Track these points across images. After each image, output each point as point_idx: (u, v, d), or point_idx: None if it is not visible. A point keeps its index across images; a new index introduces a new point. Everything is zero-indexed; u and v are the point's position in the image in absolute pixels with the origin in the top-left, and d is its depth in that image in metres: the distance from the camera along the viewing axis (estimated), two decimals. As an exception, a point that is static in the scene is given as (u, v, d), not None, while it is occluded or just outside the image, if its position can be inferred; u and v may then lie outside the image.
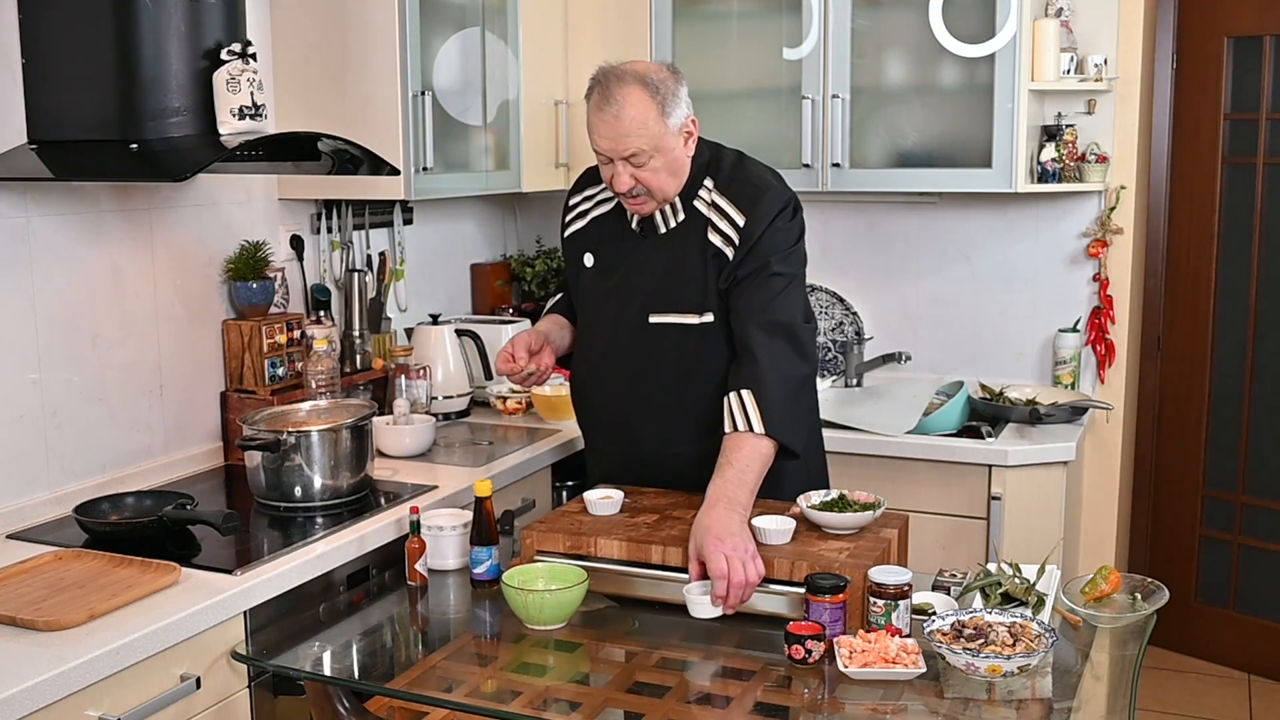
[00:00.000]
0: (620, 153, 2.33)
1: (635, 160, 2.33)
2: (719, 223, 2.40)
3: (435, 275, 3.77)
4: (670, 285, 2.45)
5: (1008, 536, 3.17)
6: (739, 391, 2.31)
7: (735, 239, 2.38)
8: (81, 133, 2.39)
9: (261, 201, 3.10)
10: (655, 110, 2.31)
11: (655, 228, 2.47)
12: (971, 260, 3.81)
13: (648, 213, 2.45)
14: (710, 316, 2.43)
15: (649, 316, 2.46)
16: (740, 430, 2.29)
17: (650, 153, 2.33)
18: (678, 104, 2.36)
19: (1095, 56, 3.50)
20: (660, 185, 2.38)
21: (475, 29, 3.31)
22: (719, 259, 2.40)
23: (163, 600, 2.07)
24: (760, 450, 2.28)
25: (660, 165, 2.35)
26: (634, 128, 2.30)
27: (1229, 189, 3.89)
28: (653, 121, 2.31)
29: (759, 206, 2.39)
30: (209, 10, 2.41)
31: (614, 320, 2.51)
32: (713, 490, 2.20)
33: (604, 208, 2.58)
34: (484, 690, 1.95)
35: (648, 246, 2.48)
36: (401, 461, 2.96)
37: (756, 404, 2.29)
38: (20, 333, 2.51)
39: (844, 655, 1.86)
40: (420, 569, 2.31)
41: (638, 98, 2.30)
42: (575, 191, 2.66)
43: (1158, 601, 2.07)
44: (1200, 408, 4.02)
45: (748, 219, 2.38)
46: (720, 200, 2.41)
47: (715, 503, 2.16)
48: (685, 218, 2.44)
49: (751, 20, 3.63)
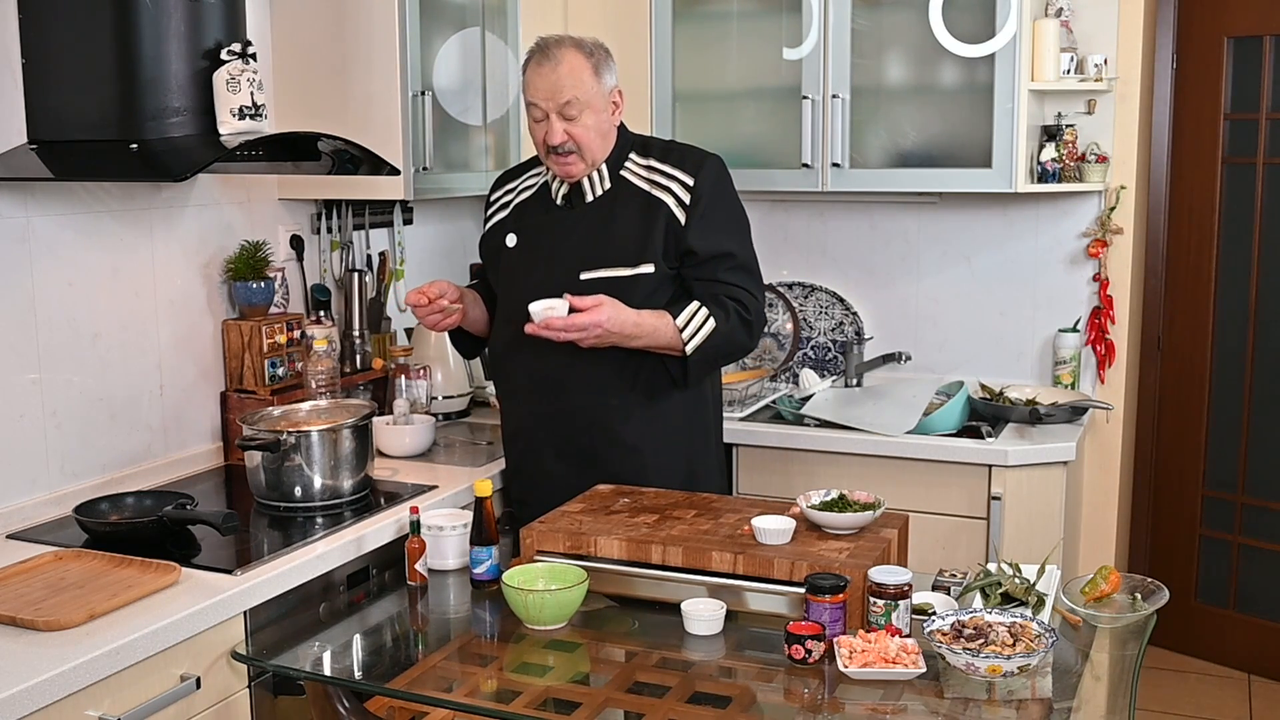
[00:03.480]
0: (556, 102, 2.54)
1: (568, 112, 2.54)
2: (669, 185, 2.60)
3: (435, 275, 3.76)
4: (602, 243, 2.61)
5: (1008, 536, 3.17)
6: (705, 311, 2.55)
7: (686, 198, 2.58)
8: (81, 133, 2.39)
9: (261, 201, 3.10)
10: (590, 68, 2.56)
11: (582, 196, 2.65)
12: (971, 260, 3.81)
13: (576, 175, 2.62)
14: (649, 268, 2.58)
15: (580, 274, 2.59)
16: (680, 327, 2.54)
17: (583, 106, 2.55)
18: (609, 70, 2.61)
19: (1095, 56, 3.50)
20: (589, 143, 2.58)
21: (475, 29, 3.31)
22: (670, 219, 2.58)
23: (163, 600, 2.07)
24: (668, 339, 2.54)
25: (591, 123, 2.57)
26: (570, 79, 2.54)
27: (1229, 189, 3.89)
28: (587, 77, 2.55)
29: (704, 168, 2.61)
30: (209, 10, 2.41)
31: (541, 282, 2.61)
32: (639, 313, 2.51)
33: (526, 194, 2.75)
34: (484, 690, 1.95)
35: (575, 215, 2.65)
36: (401, 461, 2.96)
37: (705, 335, 2.55)
38: (20, 333, 2.51)
39: (844, 655, 1.86)
40: (420, 569, 2.31)
41: (574, 55, 2.56)
42: (495, 189, 2.84)
43: (1158, 601, 2.08)
44: (1200, 408, 4.02)
45: (695, 179, 2.59)
46: (662, 165, 2.63)
47: (635, 313, 2.49)
48: (612, 186, 2.63)
49: (751, 20, 3.63)
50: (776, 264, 4.02)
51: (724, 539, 2.18)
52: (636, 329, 2.51)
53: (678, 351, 2.56)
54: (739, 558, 2.10)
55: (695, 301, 2.57)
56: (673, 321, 2.54)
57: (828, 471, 3.31)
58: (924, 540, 3.13)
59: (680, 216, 2.58)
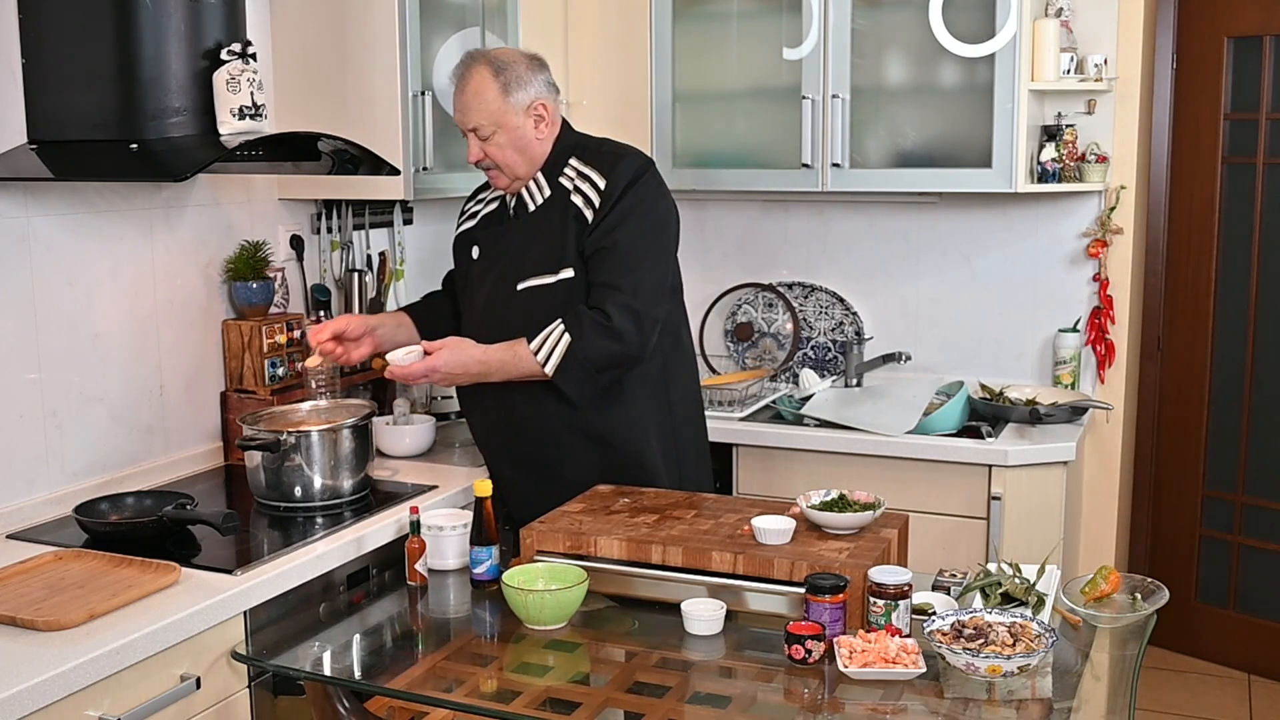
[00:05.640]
0: (465, 125, 2.58)
1: (479, 134, 2.57)
2: (582, 186, 2.57)
3: (435, 275, 3.74)
4: (533, 252, 2.60)
5: (1008, 536, 3.17)
6: (561, 328, 2.49)
7: (596, 200, 2.55)
8: (81, 133, 2.39)
9: (261, 201, 3.10)
10: (496, 89, 2.54)
11: (525, 206, 2.64)
12: (971, 260, 3.81)
13: (503, 187, 2.65)
14: (569, 273, 2.56)
15: (517, 284, 2.59)
16: (535, 352, 2.49)
17: (492, 127, 2.55)
18: (523, 86, 2.57)
19: (1095, 56, 3.50)
20: (506, 160, 2.58)
21: (475, 29, 3.31)
22: (580, 220, 2.55)
23: (163, 600, 2.07)
24: (526, 368, 2.51)
25: (505, 141, 2.56)
26: (474, 102, 2.55)
27: (1229, 189, 3.89)
28: (492, 99, 2.54)
29: (617, 168, 2.57)
30: (209, 10, 2.41)
31: (487, 295, 2.65)
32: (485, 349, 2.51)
33: (492, 205, 2.76)
34: (484, 690, 1.95)
35: (519, 225, 2.65)
36: (401, 461, 2.96)
37: (562, 354, 2.48)
38: (20, 333, 2.51)
39: (844, 655, 1.86)
40: (420, 569, 2.31)
41: (481, 76, 2.55)
42: (470, 199, 2.85)
43: (1158, 601, 2.08)
44: (1200, 408, 4.02)
45: (608, 180, 2.55)
46: (584, 169, 2.59)
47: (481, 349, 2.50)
48: (551, 194, 2.61)
49: (751, 20, 3.63)
50: (776, 264, 4.02)
51: (724, 539, 2.18)
52: (481, 366, 2.50)
53: (543, 376, 2.50)
54: (739, 558, 2.10)
55: (558, 319, 2.50)
56: (527, 349, 2.50)
57: (828, 471, 3.31)
58: (924, 540, 3.13)
59: (588, 216, 2.54)
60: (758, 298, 4.00)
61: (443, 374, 2.49)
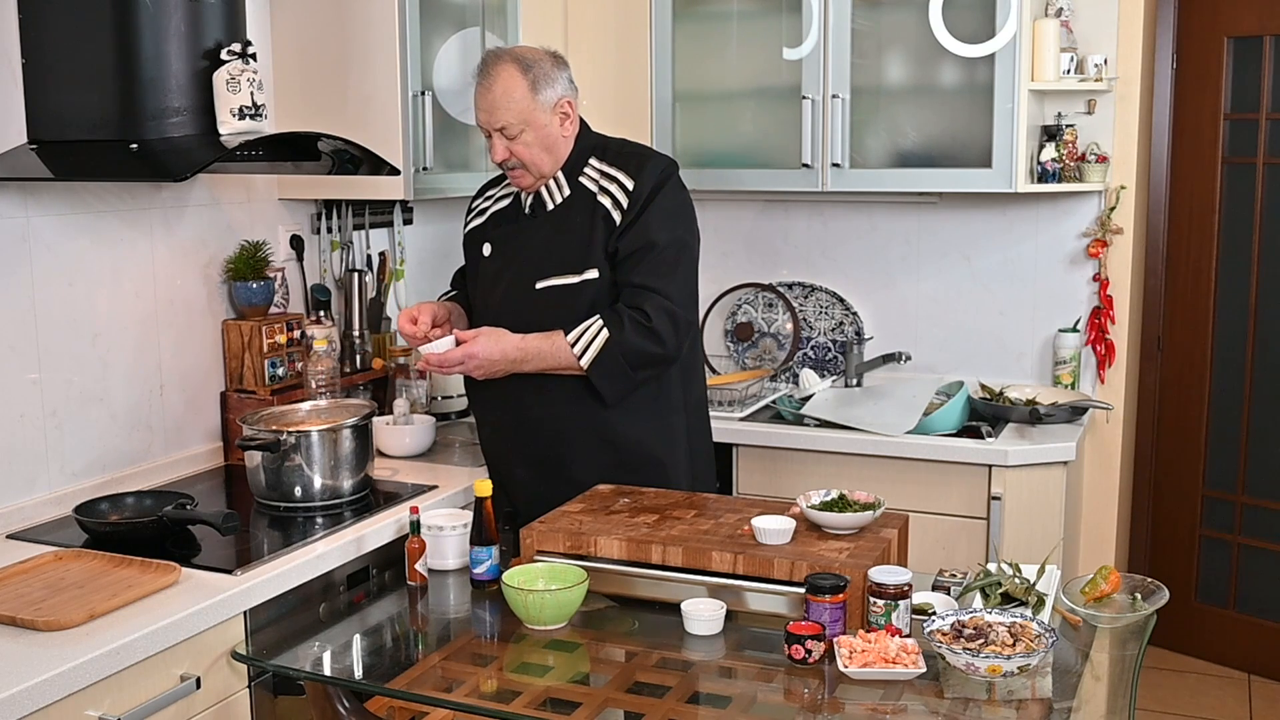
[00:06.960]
0: (492, 125, 2.54)
1: (507, 133, 2.54)
2: (609, 187, 2.56)
3: (435, 275, 3.77)
4: (554, 251, 2.58)
5: (1008, 536, 3.17)
6: (599, 323, 2.50)
7: (625, 201, 2.54)
8: (81, 133, 2.39)
9: (261, 201, 3.10)
10: (525, 86, 2.52)
11: (544, 205, 2.62)
12: (971, 260, 3.81)
13: (526, 186, 2.62)
14: (593, 274, 2.55)
15: (535, 283, 2.58)
16: (572, 344, 2.50)
17: (520, 126, 2.53)
18: (551, 84, 2.56)
19: (1095, 56, 3.50)
20: (533, 159, 2.56)
21: (475, 29, 3.31)
22: (608, 222, 2.54)
23: (163, 600, 2.07)
24: (561, 359, 2.51)
25: (533, 140, 2.54)
26: (503, 101, 2.52)
27: (1229, 189, 3.89)
28: (521, 96, 2.52)
29: (645, 169, 2.57)
30: (209, 10, 2.41)
31: (504, 294, 2.63)
32: (523, 338, 2.51)
33: (503, 203, 2.73)
34: (484, 690, 1.95)
35: (536, 223, 2.63)
36: (401, 461, 2.96)
37: (599, 348, 2.49)
38: (20, 333, 2.51)
39: (844, 655, 1.86)
40: (420, 569, 2.31)
41: (509, 74, 2.53)
42: (478, 196, 2.83)
43: (1158, 601, 2.07)
44: (1200, 408, 4.01)
45: (635, 181, 2.55)
46: (609, 170, 2.59)
47: (519, 338, 2.50)
48: (571, 194, 2.60)
49: (751, 20, 3.63)
50: (776, 264, 4.02)
51: (724, 539, 2.18)
52: (520, 354, 2.50)
53: (578, 369, 2.52)
54: (739, 558, 2.10)
55: (596, 315, 2.52)
56: (564, 340, 2.50)
57: (828, 471, 3.32)
58: (924, 540, 3.13)
59: (616, 219, 2.54)
60: (758, 298, 4.00)
61: (480, 360, 2.48)
